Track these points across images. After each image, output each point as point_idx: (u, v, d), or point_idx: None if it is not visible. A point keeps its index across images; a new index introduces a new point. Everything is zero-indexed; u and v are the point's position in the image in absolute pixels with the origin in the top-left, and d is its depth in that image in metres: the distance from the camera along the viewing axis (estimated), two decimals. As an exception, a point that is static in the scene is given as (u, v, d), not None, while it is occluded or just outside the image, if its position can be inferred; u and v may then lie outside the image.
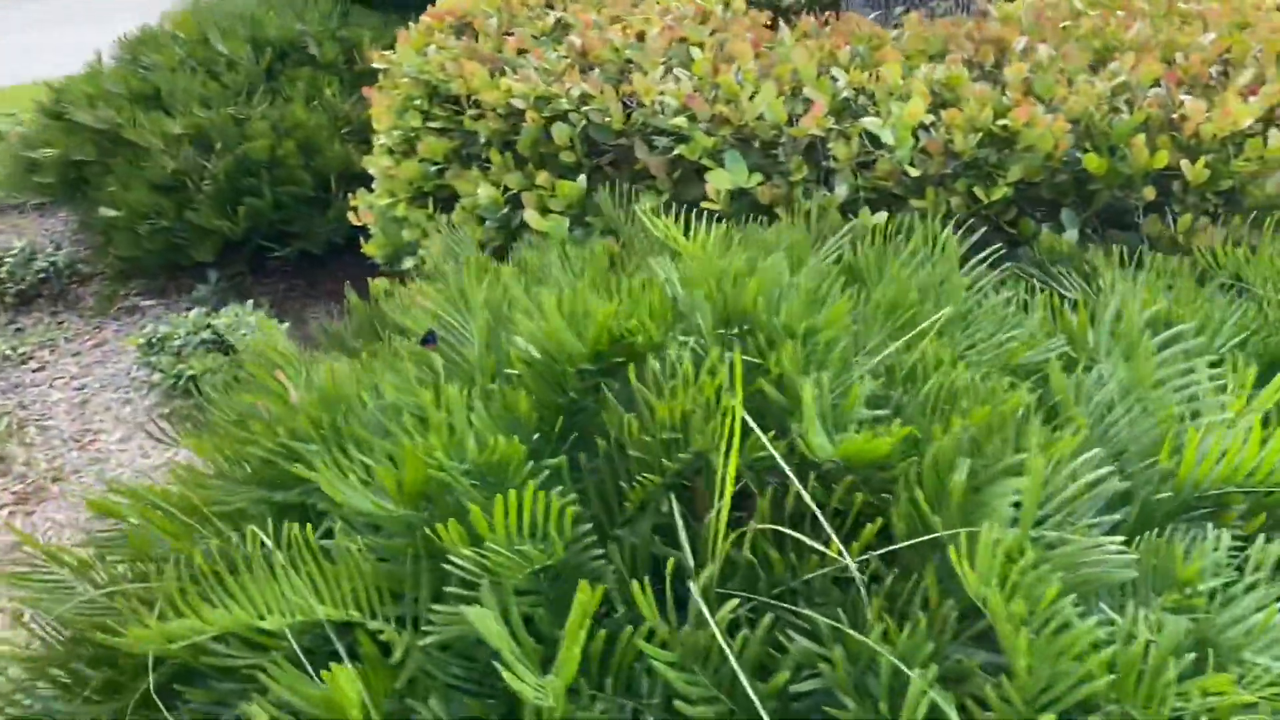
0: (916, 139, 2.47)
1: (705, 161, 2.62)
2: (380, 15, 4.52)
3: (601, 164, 2.89)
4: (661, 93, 2.73)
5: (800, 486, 1.31)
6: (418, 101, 3.33)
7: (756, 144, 2.65)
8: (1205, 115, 2.43)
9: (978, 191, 2.47)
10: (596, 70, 2.95)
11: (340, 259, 4.13)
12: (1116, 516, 1.36)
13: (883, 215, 2.44)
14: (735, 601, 1.15)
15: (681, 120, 2.63)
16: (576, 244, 2.65)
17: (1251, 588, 1.29)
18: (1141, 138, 2.42)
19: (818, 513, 1.28)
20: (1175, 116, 2.48)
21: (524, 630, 1.18)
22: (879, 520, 1.28)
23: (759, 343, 1.48)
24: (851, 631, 1.16)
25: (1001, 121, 2.47)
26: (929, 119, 2.52)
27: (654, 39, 2.97)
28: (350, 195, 3.76)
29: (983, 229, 2.45)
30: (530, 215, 2.79)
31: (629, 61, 2.98)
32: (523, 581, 1.25)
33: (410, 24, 4.51)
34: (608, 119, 2.77)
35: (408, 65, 3.33)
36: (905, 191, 2.53)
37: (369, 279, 2.37)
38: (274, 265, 4.20)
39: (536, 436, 1.46)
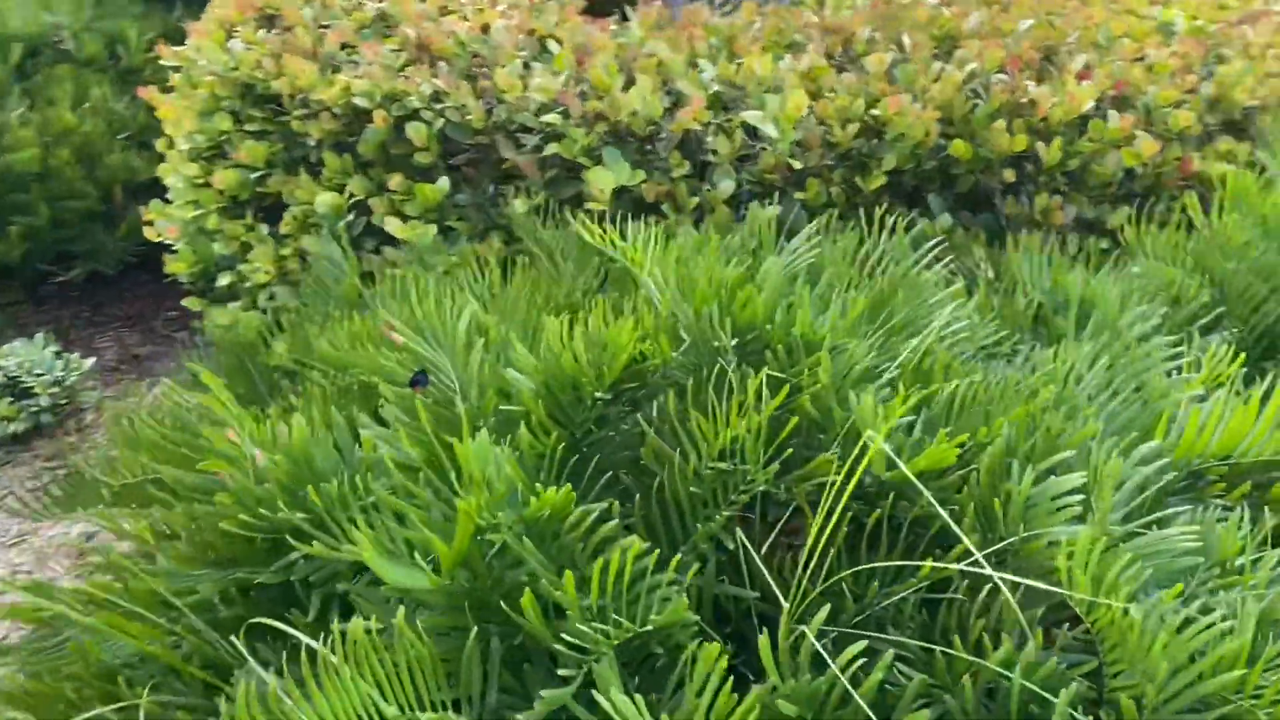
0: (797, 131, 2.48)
1: (582, 159, 2.52)
2: (141, 3, 4.06)
3: (459, 165, 2.72)
4: (526, 88, 2.60)
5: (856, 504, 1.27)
6: (228, 102, 3.01)
7: (632, 140, 2.57)
8: (1053, 100, 2.58)
9: (858, 181, 2.51)
10: (444, 65, 2.77)
11: (133, 279, 3.69)
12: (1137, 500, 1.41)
13: (775, 209, 2.44)
14: (863, 644, 1.09)
15: (554, 117, 2.51)
16: (442, 251, 2.50)
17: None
18: (1001, 123, 2.53)
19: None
20: (1025, 101, 2.62)
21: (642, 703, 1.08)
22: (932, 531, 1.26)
23: (779, 357, 1.42)
24: (975, 659, 1.13)
25: (873, 112, 2.51)
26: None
27: (500, 31, 2.83)
28: (141, 207, 3.37)
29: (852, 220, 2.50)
30: (392, 223, 2.59)
31: (476, 55, 2.82)
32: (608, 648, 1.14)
33: (177, 14, 4.11)
34: (468, 117, 2.61)
35: (211, 63, 3.00)
36: (788, 184, 2.53)
37: (168, 300, 2.11)
38: (51, 290, 3.69)
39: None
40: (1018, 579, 1.19)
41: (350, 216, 2.79)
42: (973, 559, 1.26)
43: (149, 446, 1.64)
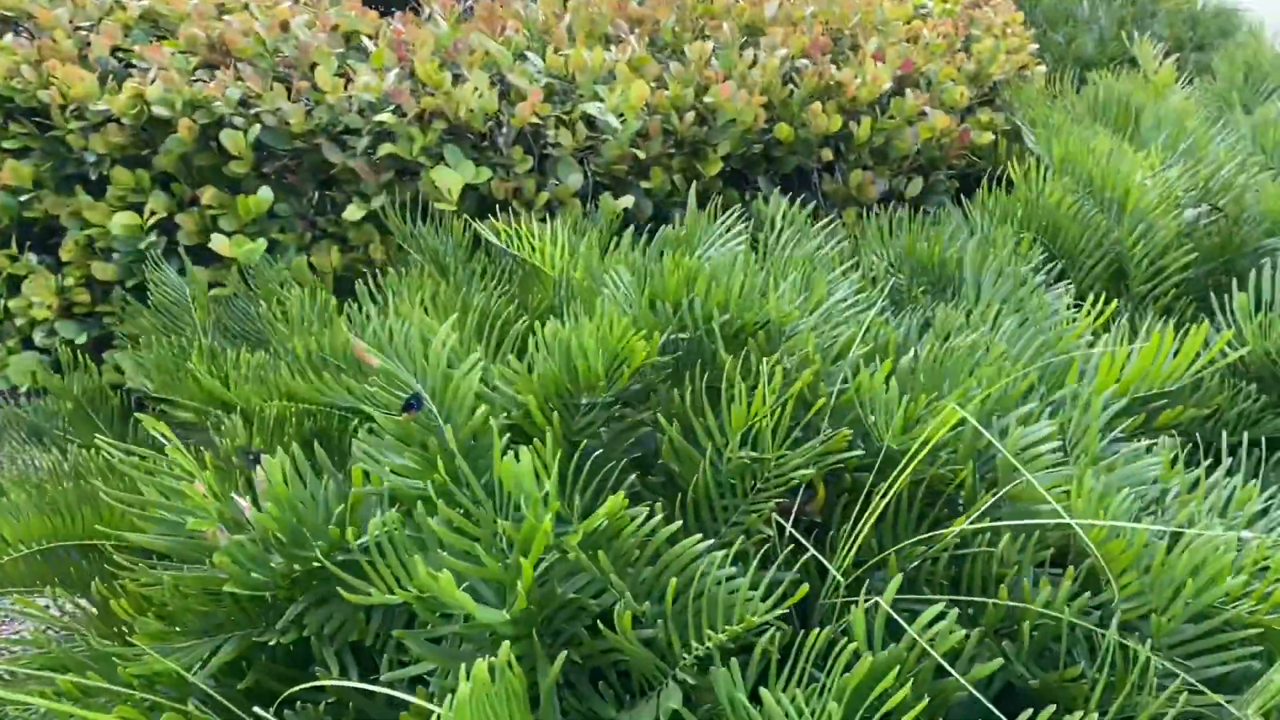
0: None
1: (422, 159, 2.43)
2: None
3: (274, 172, 2.54)
4: (348, 86, 2.46)
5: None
6: (-21, 116, 2.65)
7: (469, 137, 2.50)
8: (857, 81, 2.75)
9: (699, 167, 2.58)
10: (247, 67, 2.57)
11: None
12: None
13: (629, 199, 2.45)
14: (938, 607, 1.15)
15: (388, 116, 2.40)
16: (273, 267, 2.34)
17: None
18: (817, 105, 2.68)
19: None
20: (833, 84, 2.77)
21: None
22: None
23: (759, 342, 1.45)
24: (1038, 607, 1.21)
25: (705, 99, 2.58)
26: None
27: (302, 28, 2.66)
28: None
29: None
30: (218, 241, 2.38)
31: (278, 53, 2.63)
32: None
33: None
34: (287, 121, 2.44)
35: (-48, 71, 2.63)
36: (631, 174, 2.55)
37: None
38: None
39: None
40: (1031, 522, 1.29)
41: (152, 237, 2.53)
42: (982, 512, 1.34)
43: (84, 511, 1.44)
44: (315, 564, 1.24)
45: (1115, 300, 1.82)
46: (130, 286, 2.64)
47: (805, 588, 1.09)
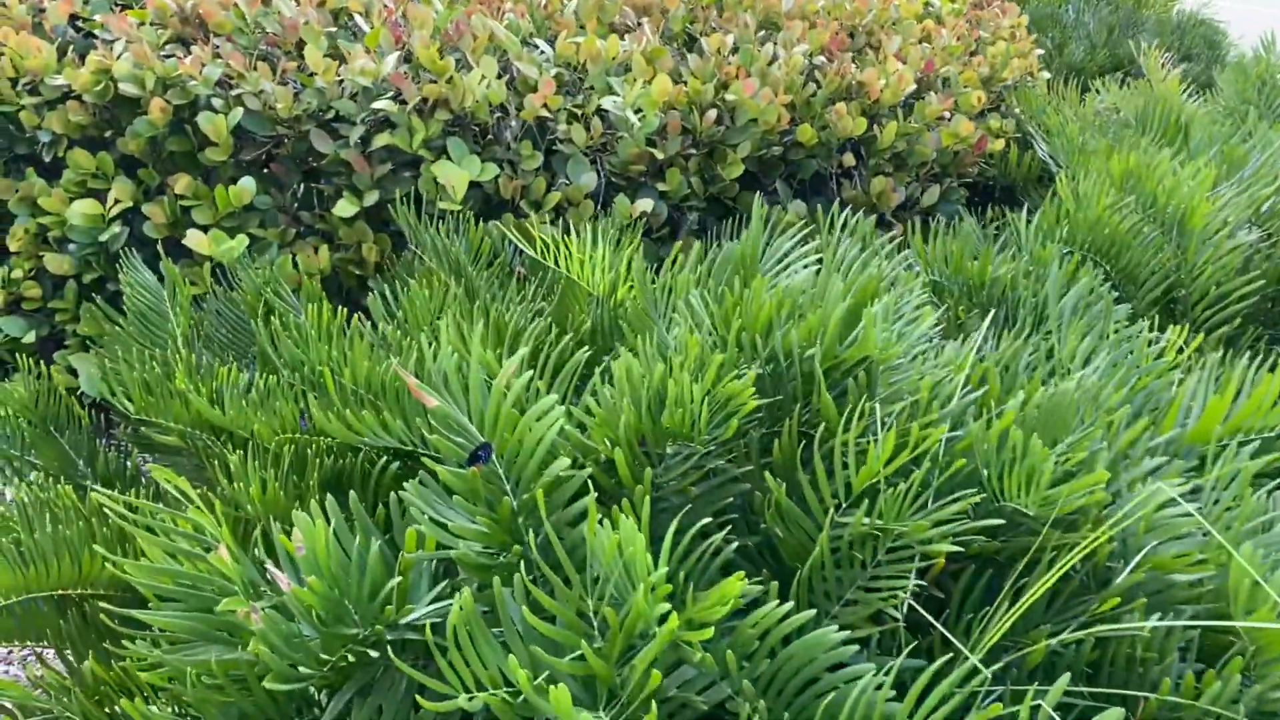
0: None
1: (423, 153, 2.21)
2: None
3: (253, 161, 2.31)
4: (342, 69, 2.24)
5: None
6: (-84, 87, 2.37)
7: (474, 129, 2.30)
8: (882, 82, 2.60)
9: (718, 169, 2.40)
10: (226, 43, 2.33)
11: None
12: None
13: (648, 202, 2.27)
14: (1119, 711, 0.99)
15: (387, 103, 2.18)
16: (258, 265, 2.12)
17: None
18: (842, 106, 2.51)
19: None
20: (855, 84, 2.61)
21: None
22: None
23: (859, 383, 1.28)
24: (1205, 705, 1.06)
25: (727, 96, 2.41)
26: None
27: (284, 1, 2.42)
28: None
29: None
30: (194, 236, 2.14)
31: (259, 28, 2.39)
32: None
33: None
34: (272, 105, 2.21)
35: (-114, 35, 2.35)
36: (647, 175, 2.37)
37: None
38: None
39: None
40: (1192, 623, 1.14)
41: (115, 229, 2.28)
42: (1119, 584, 1.19)
43: (61, 563, 1.22)
44: (358, 646, 1.04)
45: (1174, 327, 1.69)
46: (87, 282, 2.39)
47: (957, 698, 0.92)
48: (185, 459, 1.73)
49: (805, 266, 1.52)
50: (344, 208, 2.22)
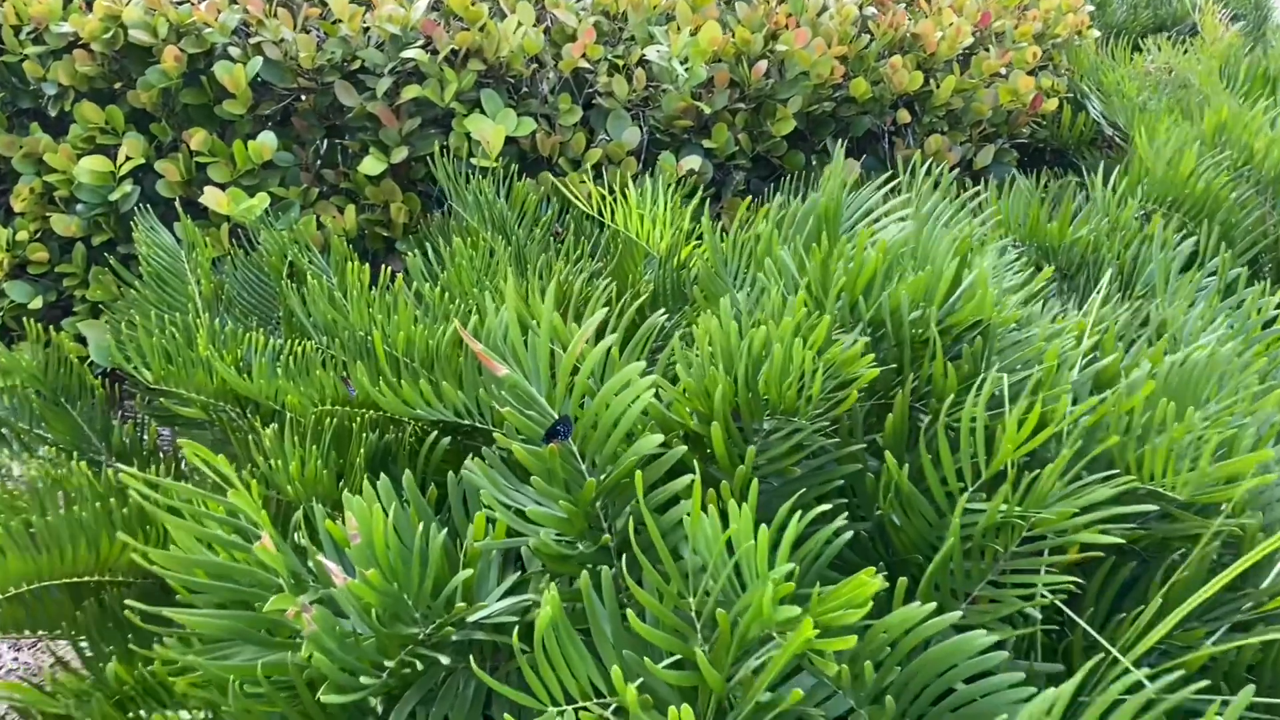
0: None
1: (454, 105, 2.07)
2: None
3: (273, 116, 2.16)
4: (368, 16, 2.08)
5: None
6: (-89, 35, 2.22)
7: (508, 81, 2.15)
8: (938, 34, 2.44)
9: (768, 125, 2.25)
10: (243, -12, 2.17)
11: None
12: None
13: (695, 159, 2.12)
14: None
15: (417, 53, 2.03)
16: (280, 226, 1.98)
17: None
18: (898, 59, 2.36)
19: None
20: (908, 35, 2.46)
21: None
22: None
23: (976, 350, 1.14)
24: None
25: (777, 47, 2.25)
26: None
27: (305, -54, 2.26)
28: None
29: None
30: (212, 195, 2.00)
31: (278, -24, 2.24)
32: None
33: None
34: (295, 55, 2.06)
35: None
36: (692, 131, 2.22)
37: None
38: None
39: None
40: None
41: (126, 188, 2.14)
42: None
43: (78, 546, 1.08)
44: (422, 648, 0.91)
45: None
46: (97, 244, 2.25)
47: (1127, 710, 0.79)
48: (208, 432, 1.60)
49: (894, 222, 1.38)
50: (370, 165, 2.07)
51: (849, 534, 0.93)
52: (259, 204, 2.00)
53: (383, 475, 1.01)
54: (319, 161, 2.17)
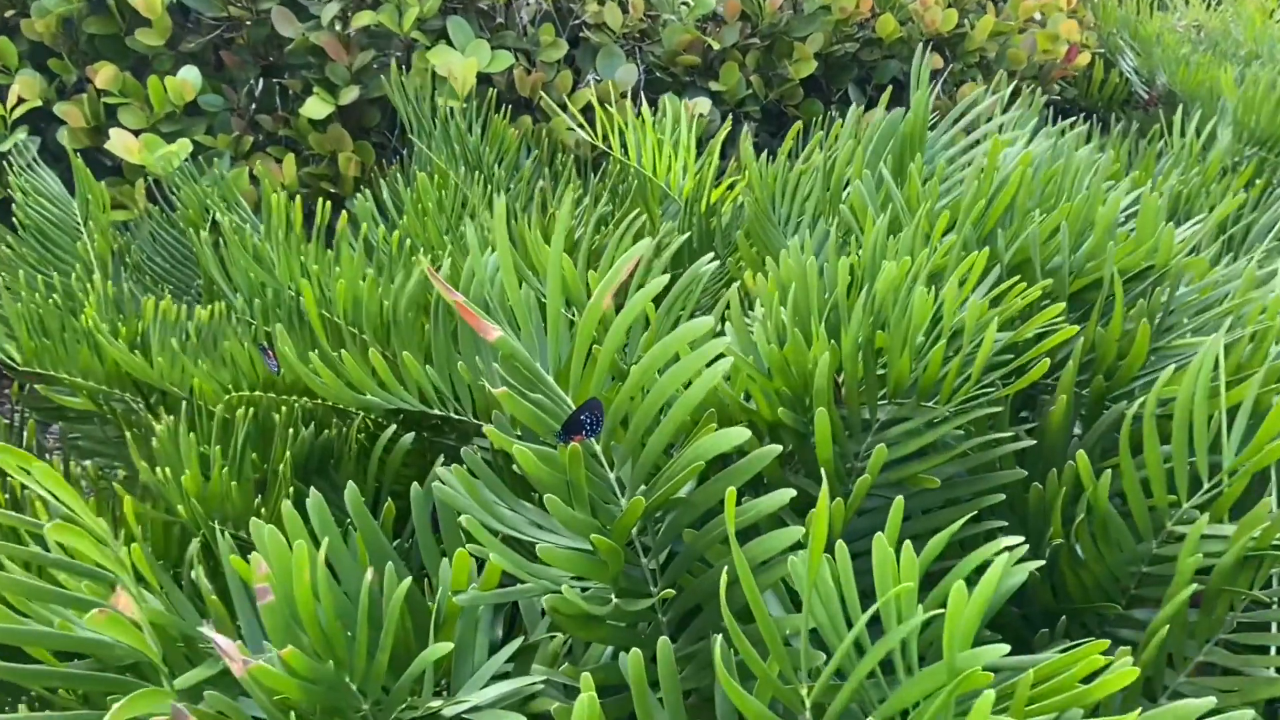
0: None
1: (416, 36, 1.72)
2: None
3: (198, 51, 1.81)
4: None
5: None
6: None
7: (480, 8, 1.81)
8: (974, -31, 2.13)
9: (785, 66, 1.93)
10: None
11: None
12: None
13: (705, 103, 1.79)
14: None
15: (370, -27, 1.69)
16: (207, 181, 1.62)
17: None
18: (930, -6, 2.05)
19: None
20: (939, -29, 2.14)
21: None
22: None
23: (1154, 305, 0.82)
24: None
25: (794, -26, 1.93)
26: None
27: None
28: None
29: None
30: (121, 139, 1.64)
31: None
32: None
33: None
34: (222, -26, 1.71)
35: None
36: (697, 71, 1.89)
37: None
38: None
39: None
40: None
41: (20, 135, 1.77)
42: None
43: None
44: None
45: None
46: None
47: None
48: (100, 428, 1.25)
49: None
50: (314, 107, 1.72)
51: (1030, 568, 0.60)
52: (178, 150, 1.64)
53: (313, 489, 0.67)
54: (254, 105, 1.82)
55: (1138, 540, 0.68)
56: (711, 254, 0.84)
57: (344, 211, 1.34)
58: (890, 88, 1.84)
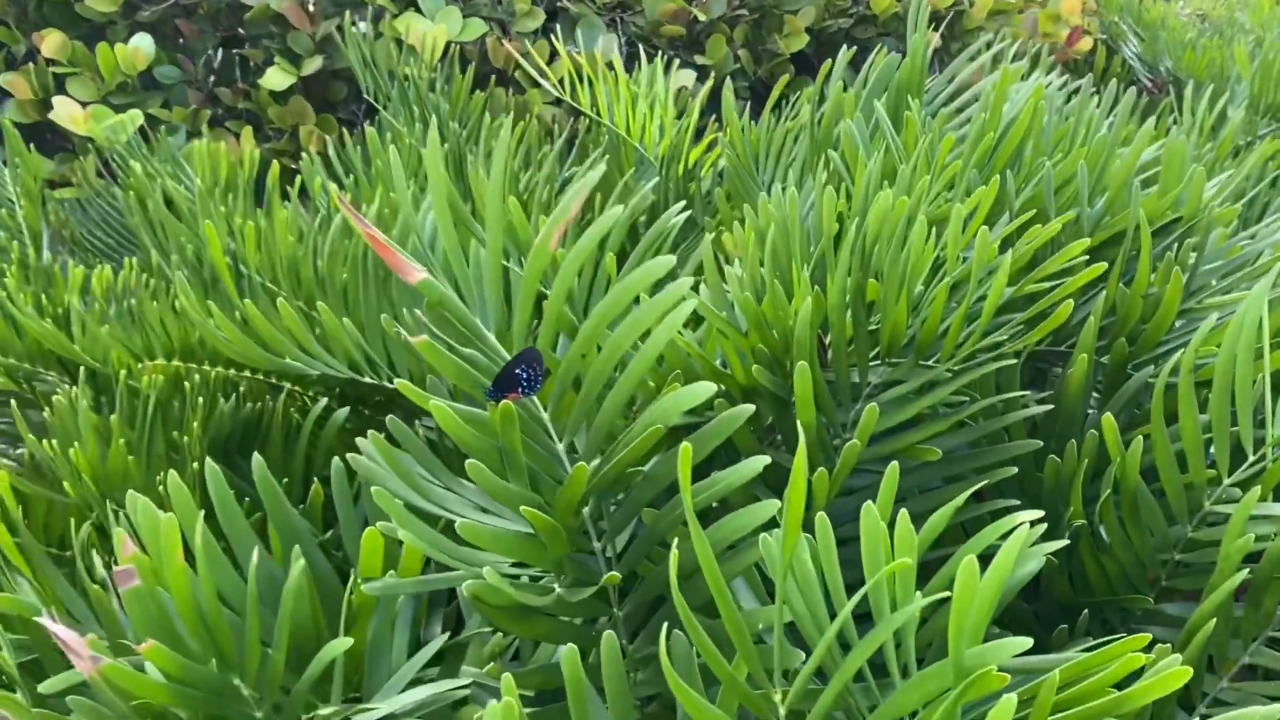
0: (700, -35, 1.75)
1: (384, 3, 1.63)
2: None
3: (152, 19, 1.71)
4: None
5: None
6: None
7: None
8: (973, -58, 2.04)
9: (776, 40, 1.83)
10: None
11: None
12: None
13: (690, 75, 1.70)
14: None
15: (334, -65, 1.59)
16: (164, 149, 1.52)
17: None
18: (926, -32, 1.95)
19: None
20: (937, -56, 2.05)
21: None
22: None
23: (1184, 259, 0.72)
24: None
25: (784, -56, 1.84)
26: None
27: None
28: None
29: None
30: (65, 108, 1.54)
31: None
32: None
33: None
34: (177, -64, 1.61)
35: None
36: (682, 45, 1.80)
37: None
38: None
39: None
40: None
41: (-36, 107, 1.67)
42: None
43: None
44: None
45: None
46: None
47: None
48: (23, 409, 1.15)
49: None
50: (275, 78, 1.63)
51: (1048, 550, 0.50)
52: (128, 121, 1.54)
53: (211, 462, 0.58)
54: (212, 77, 1.72)
55: (1170, 523, 0.58)
56: (683, 203, 0.75)
57: (297, 178, 1.24)
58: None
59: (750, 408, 0.51)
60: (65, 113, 1.54)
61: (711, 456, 0.56)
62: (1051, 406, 0.62)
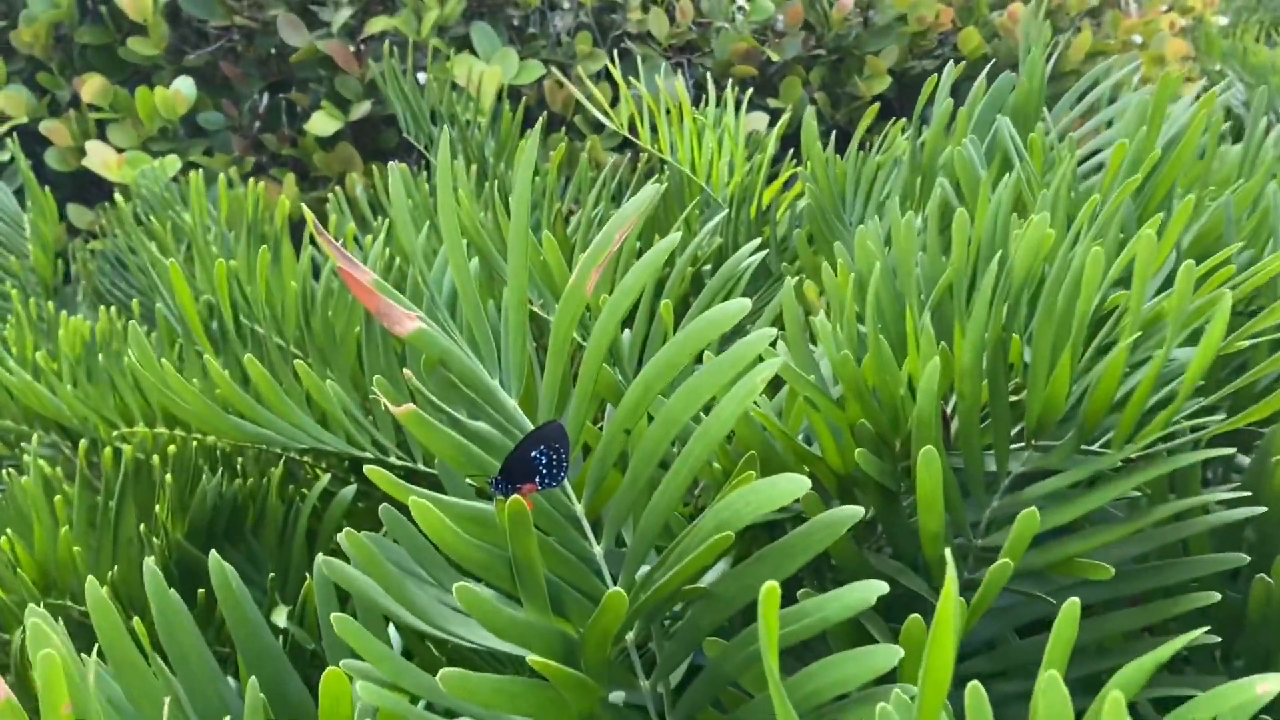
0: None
1: (436, 43, 1.53)
2: None
3: (199, 64, 1.64)
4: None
5: None
6: None
7: (509, 14, 1.61)
8: (1067, -18, 1.90)
9: (854, 83, 1.70)
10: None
11: None
12: None
13: (762, 118, 1.57)
14: None
15: (386, -28, 1.50)
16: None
17: None
18: (1018, 6, 1.82)
19: None
20: (1028, -16, 1.92)
21: None
22: None
23: None
24: None
25: (864, -19, 1.72)
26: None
27: None
28: None
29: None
30: (99, 153, 1.46)
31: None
32: None
33: None
34: (223, -24, 1.54)
35: None
36: (754, 87, 1.67)
37: None
38: None
39: None
40: None
41: (4, 153, 1.61)
42: None
43: None
44: None
45: None
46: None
47: None
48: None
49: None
50: (321, 123, 1.53)
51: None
52: (167, 166, 1.45)
53: (149, 563, 0.45)
54: (257, 122, 1.64)
55: None
56: (758, 240, 0.61)
57: (331, 222, 1.13)
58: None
59: (858, 511, 0.36)
60: (99, 159, 1.46)
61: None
62: (1263, 509, 0.46)
